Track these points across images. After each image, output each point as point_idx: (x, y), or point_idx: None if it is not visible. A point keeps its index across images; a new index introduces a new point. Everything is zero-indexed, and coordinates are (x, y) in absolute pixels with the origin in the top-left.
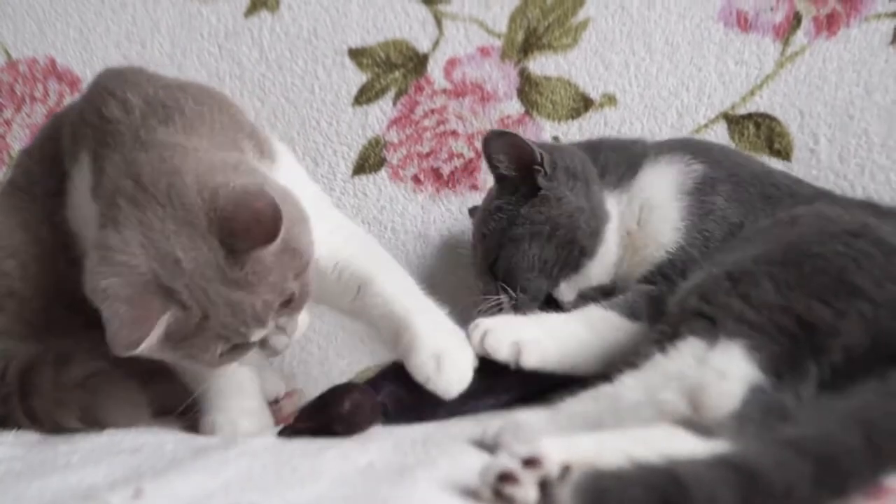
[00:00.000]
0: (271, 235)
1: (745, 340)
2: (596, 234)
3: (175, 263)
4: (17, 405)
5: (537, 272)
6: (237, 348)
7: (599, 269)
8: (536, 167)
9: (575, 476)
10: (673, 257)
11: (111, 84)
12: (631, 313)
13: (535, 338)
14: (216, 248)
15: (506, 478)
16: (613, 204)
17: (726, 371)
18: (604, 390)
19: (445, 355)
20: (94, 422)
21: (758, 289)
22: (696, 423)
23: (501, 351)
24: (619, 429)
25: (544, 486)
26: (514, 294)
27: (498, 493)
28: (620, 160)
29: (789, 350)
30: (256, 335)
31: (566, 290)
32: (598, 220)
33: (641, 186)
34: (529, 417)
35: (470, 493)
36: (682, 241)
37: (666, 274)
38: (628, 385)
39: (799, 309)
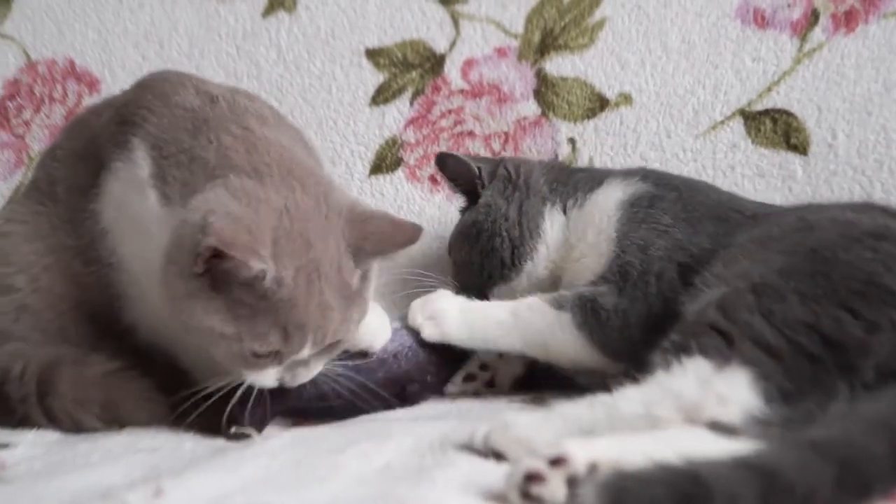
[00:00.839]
0: (413, 238)
1: (755, 369)
2: (518, 247)
3: (305, 244)
4: (36, 405)
5: (467, 273)
6: (273, 358)
7: (527, 285)
8: (477, 180)
9: (598, 476)
10: (611, 263)
11: (173, 78)
12: (555, 302)
13: (442, 310)
14: (343, 251)
15: (533, 478)
16: (558, 223)
17: (728, 397)
18: (601, 398)
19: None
20: (113, 420)
21: (783, 304)
22: (720, 424)
23: (416, 321)
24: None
25: (572, 485)
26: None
27: (526, 495)
28: (588, 179)
29: (811, 376)
30: (306, 352)
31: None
32: (523, 233)
33: (592, 201)
34: (520, 419)
35: (487, 494)
36: (616, 248)
37: (606, 278)
38: (627, 396)
39: (826, 326)
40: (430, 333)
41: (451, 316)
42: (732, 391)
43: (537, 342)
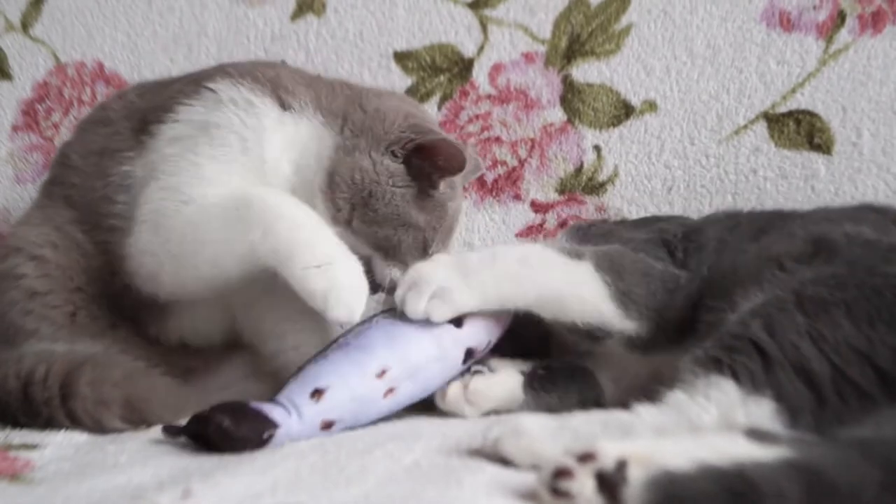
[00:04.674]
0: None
1: (785, 402)
2: None
3: None
4: (59, 407)
5: None
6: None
7: None
8: None
9: (645, 473)
10: None
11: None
12: (572, 253)
13: (442, 286)
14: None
15: (561, 473)
16: None
17: (747, 426)
18: (617, 416)
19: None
20: (136, 420)
21: (835, 329)
22: (755, 431)
23: (417, 307)
24: None
25: (602, 479)
26: None
27: (555, 491)
28: None
29: (855, 407)
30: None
31: None
32: None
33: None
34: (532, 424)
35: (516, 495)
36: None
37: None
38: (643, 417)
39: (882, 357)
40: (443, 314)
41: (455, 286)
42: (753, 421)
43: (553, 295)
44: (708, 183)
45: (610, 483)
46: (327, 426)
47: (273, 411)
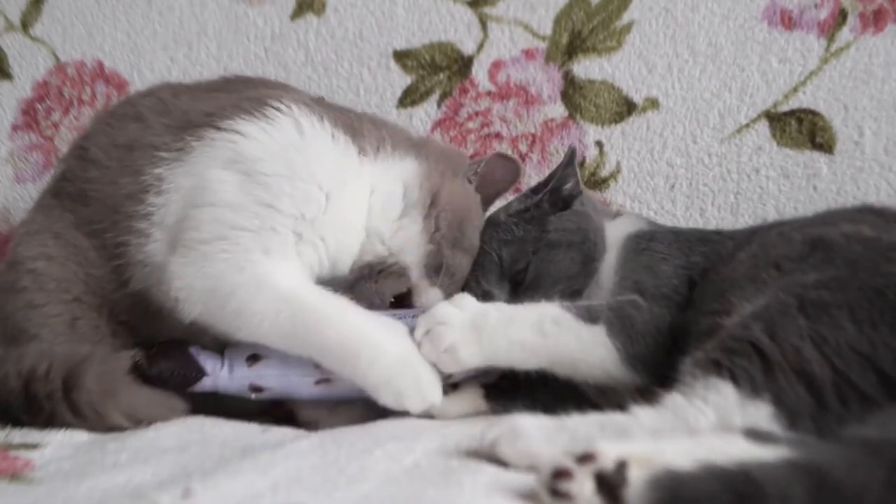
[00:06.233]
0: None
1: (784, 406)
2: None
3: None
4: (61, 400)
5: (563, 283)
6: None
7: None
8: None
9: (647, 473)
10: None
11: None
12: (586, 314)
13: (454, 346)
14: None
15: (560, 474)
16: None
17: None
18: (614, 418)
19: None
20: (139, 416)
21: (837, 331)
22: (754, 432)
23: (430, 356)
24: None
25: (601, 480)
26: None
27: (554, 492)
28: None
29: (857, 410)
30: None
31: None
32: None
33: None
34: (529, 427)
35: (515, 496)
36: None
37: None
38: (640, 420)
39: (884, 361)
40: (450, 369)
41: (465, 345)
42: (751, 425)
43: (565, 360)
44: (710, 182)
45: (610, 484)
46: (256, 390)
47: (207, 361)
